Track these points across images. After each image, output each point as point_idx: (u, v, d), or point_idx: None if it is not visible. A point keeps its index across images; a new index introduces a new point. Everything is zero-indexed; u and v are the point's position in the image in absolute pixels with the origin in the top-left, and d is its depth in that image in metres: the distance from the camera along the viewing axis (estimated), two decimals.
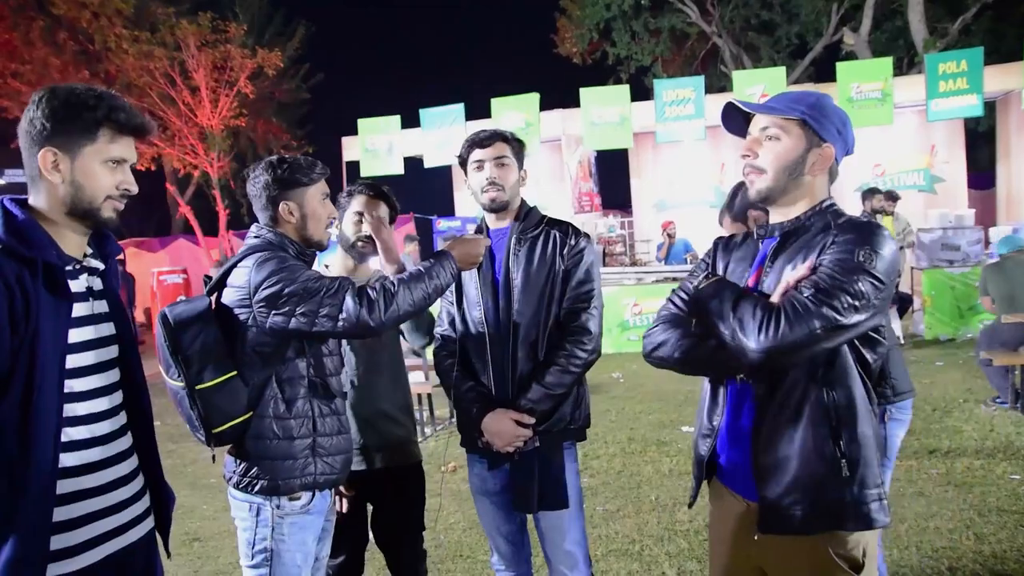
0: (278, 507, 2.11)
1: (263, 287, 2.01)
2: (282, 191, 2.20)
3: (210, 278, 2.19)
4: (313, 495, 2.16)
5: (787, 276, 1.67)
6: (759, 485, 1.70)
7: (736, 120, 1.84)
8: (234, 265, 2.12)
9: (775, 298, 1.64)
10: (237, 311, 2.07)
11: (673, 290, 1.96)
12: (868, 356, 1.71)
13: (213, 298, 2.13)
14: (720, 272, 1.90)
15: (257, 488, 2.10)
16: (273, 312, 2.00)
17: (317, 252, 2.33)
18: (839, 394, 1.66)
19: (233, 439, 2.10)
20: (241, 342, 2.07)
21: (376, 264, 2.75)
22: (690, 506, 2.06)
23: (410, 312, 2.06)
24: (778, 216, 1.81)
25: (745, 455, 1.75)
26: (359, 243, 2.66)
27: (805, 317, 1.55)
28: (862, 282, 1.57)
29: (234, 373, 2.04)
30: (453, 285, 2.51)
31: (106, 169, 1.69)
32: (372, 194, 2.68)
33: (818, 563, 1.68)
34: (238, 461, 2.13)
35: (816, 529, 1.66)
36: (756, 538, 1.71)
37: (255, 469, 2.10)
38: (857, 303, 1.56)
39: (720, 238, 2.01)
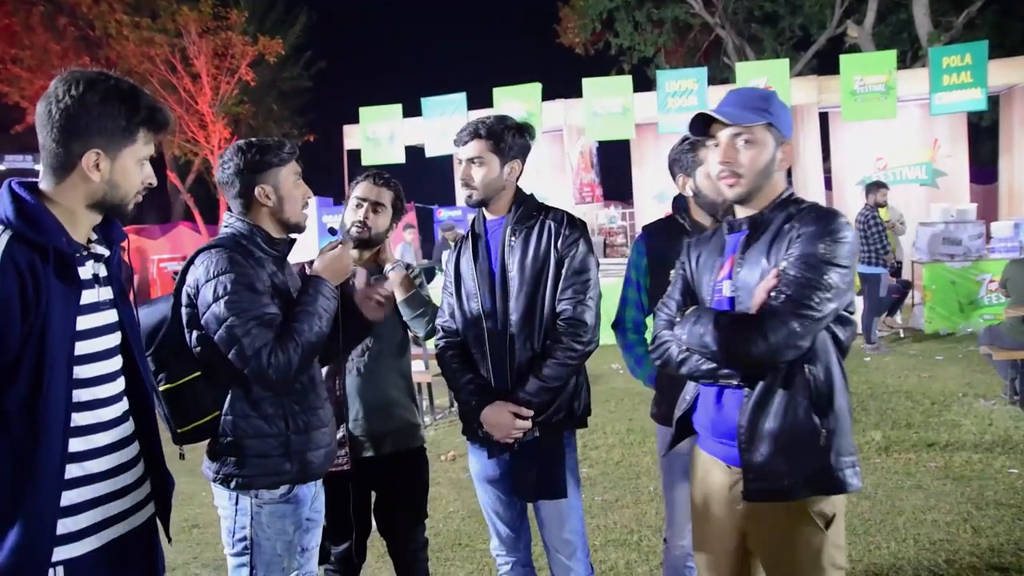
0: (256, 496, 2.09)
1: (203, 288, 2.02)
2: (256, 174, 2.15)
3: (176, 274, 2.18)
4: (293, 485, 2.14)
5: (761, 286, 1.78)
6: (744, 457, 1.81)
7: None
8: (191, 262, 2.10)
9: (753, 309, 1.77)
10: (191, 310, 2.06)
11: (656, 308, 2.08)
12: (840, 334, 1.83)
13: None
14: (694, 264, 2.03)
15: (233, 485, 2.09)
16: (203, 317, 2.02)
17: (295, 236, 2.27)
18: (819, 370, 1.78)
19: (200, 438, 2.10)
20: (204, 340, 2.05)
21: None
22: (663, 456, 2.45)
23: (316, 348, 2.08)
24: (745, 210, 1.92)
25: (730, 427, 1.85)
26: (353, 228, 2.67)
27: (785, 321, 1.68)
28: (828, 274, 1.70)
29: (197, 374, 2.03)
30: (452, 276, 2.52)
31: (138, 167, 1.72)
32: (378, 182, 2.71)
33: (796, 519, 1.81)
34: (211, 460, 2.12)
35: (798, 496, 1.79)
36: (740, 507, 1.84)
37: (228, 468, 2.09)
38: (829, 294, 1.70)
39: (690, 239, 2.12)
